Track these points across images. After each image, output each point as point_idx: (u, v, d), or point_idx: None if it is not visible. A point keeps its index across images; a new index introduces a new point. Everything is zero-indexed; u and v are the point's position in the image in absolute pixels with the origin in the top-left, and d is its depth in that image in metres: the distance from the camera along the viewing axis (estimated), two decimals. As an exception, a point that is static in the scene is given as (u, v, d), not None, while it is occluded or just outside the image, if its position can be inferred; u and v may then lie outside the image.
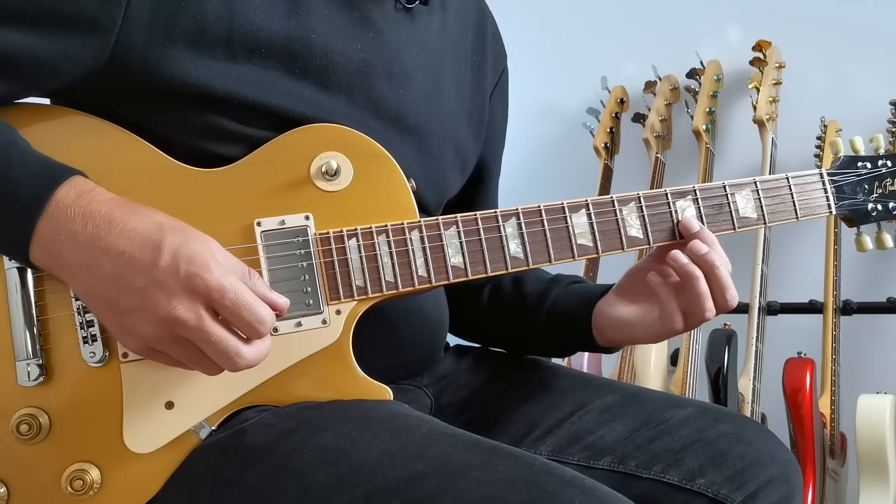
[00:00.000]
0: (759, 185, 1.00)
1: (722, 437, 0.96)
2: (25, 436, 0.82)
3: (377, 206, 0.89)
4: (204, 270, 0.74)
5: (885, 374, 1.92)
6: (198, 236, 0.77)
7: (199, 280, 0.74)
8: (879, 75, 2.00)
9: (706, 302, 0.93)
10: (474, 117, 1.09)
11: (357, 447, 0.78)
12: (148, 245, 0.75)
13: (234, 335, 0.76)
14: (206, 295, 0.74)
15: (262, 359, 0.79)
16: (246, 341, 0.77)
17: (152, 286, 0.74)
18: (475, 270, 0.90)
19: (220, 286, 0.75)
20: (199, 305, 0.74)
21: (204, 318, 0.74)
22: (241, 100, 0.86)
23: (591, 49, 2.31)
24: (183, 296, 0.74)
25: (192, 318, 0.74)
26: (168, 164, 0.87)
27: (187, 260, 0.75)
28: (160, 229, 0.76)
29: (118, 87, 0.85)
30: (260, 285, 0.79)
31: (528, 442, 0.97)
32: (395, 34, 0.96)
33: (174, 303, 0.74)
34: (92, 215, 0.76)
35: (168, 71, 0.84)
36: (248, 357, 0.77)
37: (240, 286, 0.76)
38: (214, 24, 0.85)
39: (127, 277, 0.75)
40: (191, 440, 0.84)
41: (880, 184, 1.07)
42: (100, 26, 0.82)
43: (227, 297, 0.75)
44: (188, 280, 0.74)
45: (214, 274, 0.75)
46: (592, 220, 0.94)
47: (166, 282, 0.74)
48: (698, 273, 0.93)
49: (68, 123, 0.86)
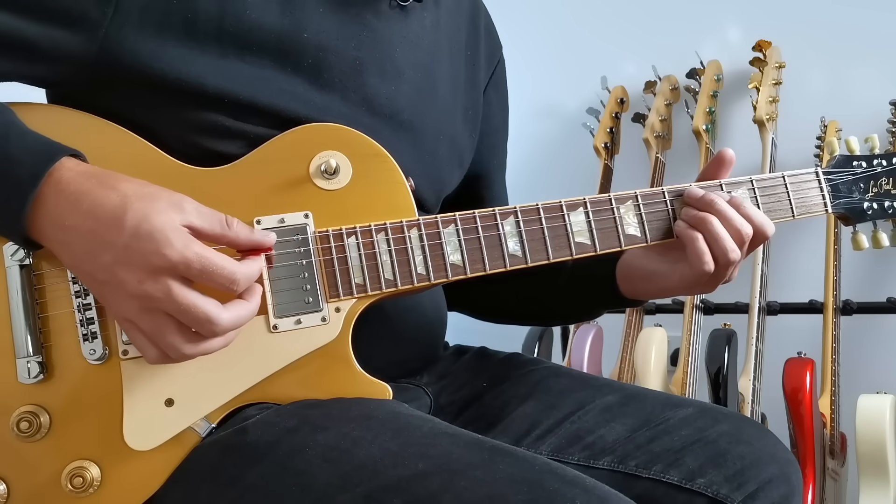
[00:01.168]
0: (756, 183, 1.00)
1: (722, 437, 0.96)
2: (25, 433, 0.82)
3: (376, 204, 0.89)
4: (164, 246, 0.74)
5: (885, 374, 1.92)
6: (163, 206, 0.76)
7: (160, 257, 0.74)
8: (879, 75, 2.00)
9: (726, 239, 0.93)
10: (469, 112, 1.09)
11: (358, 446, 0.78)
12: (112, 221, 0.75)
13: (210, 300, 0.77)
14: (171, 268, 0.75)
15: (244, 321, 0.80)
16: (222, 308, 0.77)
17: (118, 264, 0.75)
18: (474, 268, 0.91)
19: (183, 258, 0.75)
20: (164, 278, 0.75)
21: (172, 288, 0.75)
22: (233, 97, 0.87)
23: (591, 49, 2.31)
24: (148, 272, 0.75)
25: (158, 290, 0.75)
26: (167, 162, 0.87)
27: (147, 236, 0.75)
28: (123, 202, 0.76)
29: (113, 85, 0.86)
30: (241, 231, 0.80)
31: (528, 441, 0.97)
32: (388, 32, 0.97)
33: (140, 277, 0.75)
34: (63, 193, 0.77)
35: (159, 67, 0.84)
36: (224, 321, 0.77)
37: (204, 253, 0.76)
38: (205, 20, 0.86)
39: (96, 254, 0.76)
40: (191, 438, 0.84)
41: (875, 183, 1.08)
42: (88, 19, 0.83)
43: (192, 267, 0.75)
44: (150, 256, 0.74)
45: (176, 247, 0.75)
46: (590, 218, 0.95)
47: (131, 259, 0.75)
48: (713, 196, 0.94)
49: (68, 122, 0.86)
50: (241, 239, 0.81)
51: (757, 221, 0.95)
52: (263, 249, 0.83)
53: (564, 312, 1.17)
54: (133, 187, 0.78)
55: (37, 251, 0.83)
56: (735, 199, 0.96)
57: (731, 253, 0.93)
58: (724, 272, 0.95)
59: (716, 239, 0.93)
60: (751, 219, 0.95)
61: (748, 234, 0.94)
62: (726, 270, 0.95)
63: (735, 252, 0.93)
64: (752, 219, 0.95)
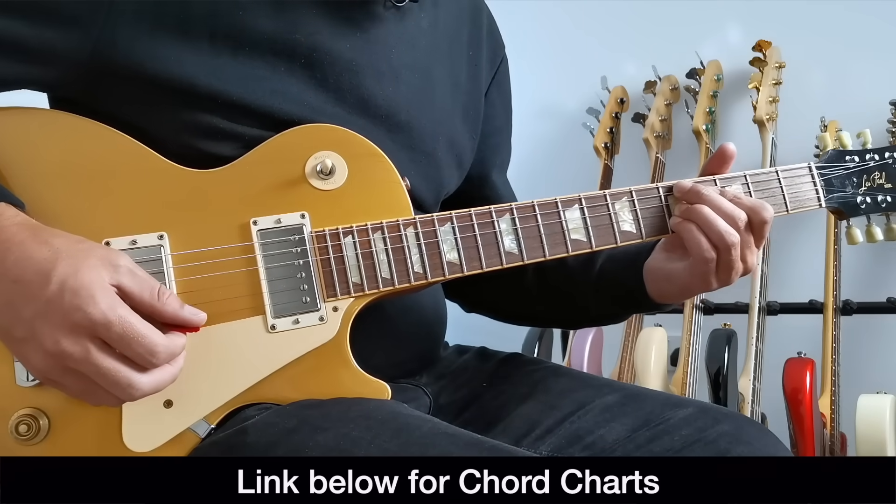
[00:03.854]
0: (749, 178, 1.01)
1: (722, 437, 0.96)
2: (24, 436, 0.82)
3: (372, 204, 0.89)
4: (88, 304, 0.73)
5: (885, 374, 1.92)
6: (94, 263, 0.75)
7: (82, 314, 0.72)
8: (879, 75, 2.00)
9: (717, 221, 0.93)
10: (470, 112, 1.09)
11: (358, 447, 0.78)
12: (39, 275, 0.74)
13: (128, 365, 0.75)
14: (91, 328, 0.73)
15: (165, 385, 0.78)
16: (142, 370, 0.76)
17: (39, 318, 0.73)
18: (470, 266, 0.91)
19: (105, 319, 0.73)
20: (83, 339, 0.73)
21: (90, 351, 0.73)
22: (226, 97, 0.87)
23: (592, 49, 2.31)
24: (67, 329, 0.73)
25: (77, 352, 0.73)
26: (164, 165, 0.87)
27: (73, 292, 0.73)
28: (55, 257, 0.74)
29: (108, 86, 0.86)
30: (171, 304, 0.78)
31: (527, 441, 0.97)
32: (383, 33, 0.97)
33: (58, 336, 0.73)
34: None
35: (151, 66, 0.85)
36: (144, 386, 0.76)
37: (128, 317, 0.74)
38: (198, 20, 0.86)
39: (17, 307, 0.74)
40: (190, 439, 0.84)
41: (868, 177, 1.08)
42: (82, 19, 0.84)
43: (112, 330, 0.73)
44: (72, 313, 0.73)
45: (100, 307, 0.73)
46: (585, 214, 0.95)
47: (51, 315, 0.73)
48: (699, 187, 0.95)
49: (65, 127, 0.86)
50: (168, 312, 0.78)
51: (747, 204, 0.95)
52: (190, 328, 0.80)
53: (595, 314, 1.16)
54: (66, 243, 0.76)
55: None
56: (726, 190, 0.96)
57: (728, 235, 0.93)
58: (728, 257, 0.94)
59: (707, 224, 0.93)
60: (741, 202, 0.95)
61: (741, 217, 0.94)
62: (730, 255, 0.94)
63: (731, 234, 0.93)
64: (742, 202, 0.95)
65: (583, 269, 1.07)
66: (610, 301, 1.07)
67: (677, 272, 0.99)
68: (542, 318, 1.17)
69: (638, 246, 1.02)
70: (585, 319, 1.13)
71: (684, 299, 1.07)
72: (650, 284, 1.02)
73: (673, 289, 1.01)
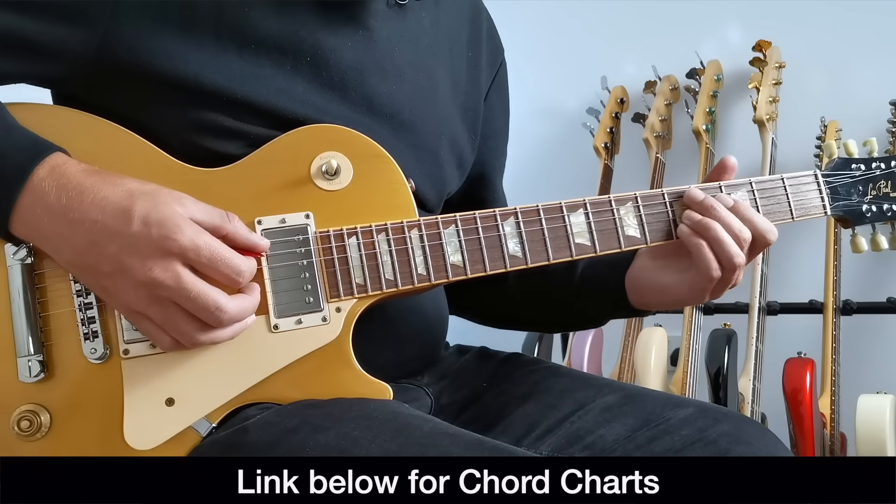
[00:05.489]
0: (755, 185, 1.01)
1: (722, 437, 0.96)
2: (26, 432, 0.82)
3: (376, 205, 0.89)
4: (175, 232, 0.77)
5: (885, 374, 1.92)
6: (167, 199, 0.79)
7: (171, 241, 0.76)
8: (879, 75, 2.00)
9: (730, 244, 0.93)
10: (469, 112, 1.09)
11: (358, 446, 0.78)
12: (119, 212, 0.77)
13: (216, 289, 0.78)
14: (182, 254, 0.77)
15: (248, 314, 0.82)
16: (229, 295, 0.79)
17: (126, 251, 0.76)
18: (474, 269, 0.91)
19: (194, 244, 0.77)
20: (175, 264, 0.77)
21: (182, 275, 0.77)
22: (231, 95, 0.87)
23: (591, 49, 2.31)
24: (158, 258, 0.76)
25: (168, 278, 0.76)
26: (169, 163, 0.87)
27: (158, 223, 0.77)
28: (130, 196, 0.78)
29: (114, 83, 0.86)
30: (241, 229, 0.82)
31: (528, 441, 0.97)
32: (386, 31, 0.97)
33: (150, 264, 0.76)
34: (65, 188, 0.78)
35: (158, 63, 0.85)
36: (231, 309, 0.79)
37: (213, 242, 0.78)
38: (203, 16, 0.86)
39: (102, 244, 0.77)
40: (191, 437, 0.84)
41: (874, 185, 1.08)
42: (88, 15, 0.84)
43: (201, 254, 0.77)
44: (161, 242, 0.76)
45: (186, 234, 0.77)
46: (590, 219, 0.95)
47: (139, 246, 0.76)
48: (712, 202, 0.95)
49: (70, 123, 0.87)
50: (241, 235, 0.82)
51: (759, 227, 0.96)
52: (257, 252, 0.84)
53: (574, 321, 1.17)
54: (135, 184, 0.80)
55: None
56: (738, 205, 0.96)
57: (736, 258, 0.94)
58: (730, 276, 0.96)
59: (720, 244, 0.94)
60: (752, 223, 0.96)
61: (746, 238, 0.95)
62: (732, 275, 0.95)
63: (739, 257, 0.94)
64: (754, 223, 0.96)
65: (564, 274, 1.07)
66: (592, 306, 1.08)
67: (675, 286, 0.99)
68: (524, 322, 1.18)
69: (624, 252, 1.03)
70: (568, 324, 1.13)
71: (667, 309, 1.08)
72: (633, 294, 1.03)
73: (665, 300, 1.02)
